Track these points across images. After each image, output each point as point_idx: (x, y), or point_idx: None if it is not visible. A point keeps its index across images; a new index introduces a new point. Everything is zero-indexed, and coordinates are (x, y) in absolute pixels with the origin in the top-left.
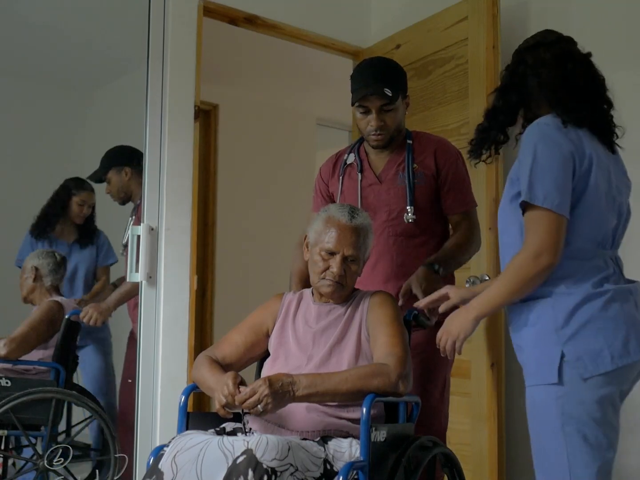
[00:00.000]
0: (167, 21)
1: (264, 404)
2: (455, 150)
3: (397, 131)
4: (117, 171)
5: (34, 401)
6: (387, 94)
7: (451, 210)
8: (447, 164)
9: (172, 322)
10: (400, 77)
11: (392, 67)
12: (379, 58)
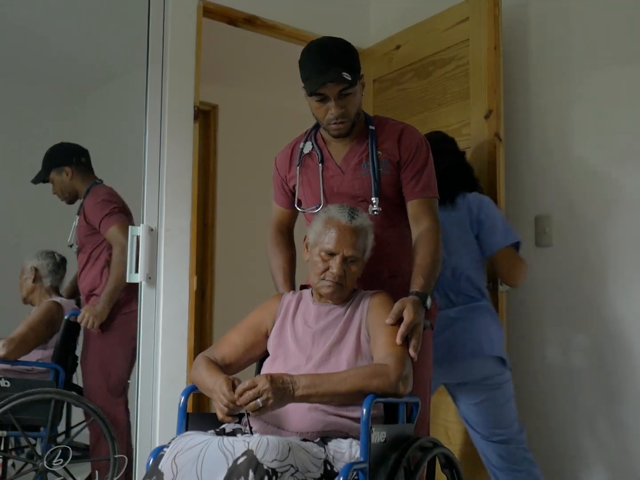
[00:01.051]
0: (167, 22)
1: (264, 399)
2: (421, 136)
3: (357, 116)
4: (58, 172)
5: (33, 402)
6: (347, 78)
7: (411, 195)
8: (409, 148)
9: (171, 323)
10: (355, 56)
11: (345, 47)
12: (328, 39)
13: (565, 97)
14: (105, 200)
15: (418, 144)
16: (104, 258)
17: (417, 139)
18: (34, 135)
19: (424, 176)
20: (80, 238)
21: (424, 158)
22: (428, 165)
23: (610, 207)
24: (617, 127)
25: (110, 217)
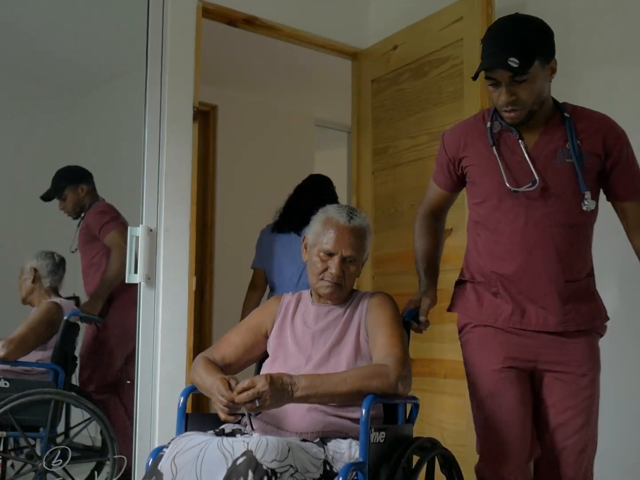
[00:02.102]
0: (166, 22)
1: (262, 400)
2: (623, 130)
3: (538, 104)
4: (73, 189)
5: (32, 402)
6: (512, 66)
7: (624, 197)
8: (618, 144)
9: (171, 323)
10: (538, 40)
11: (527, 28)
12: (515, 17)
13: (562, 97)
14: (104, 211)
15: (625, 139)
16: (104, 264)
17: (623, 133)
18: (33, 135)
19: (637, 174)
20: (81, 245)
21: (632, 154)
22: (636, 162)
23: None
24: None
25: (110, 223)
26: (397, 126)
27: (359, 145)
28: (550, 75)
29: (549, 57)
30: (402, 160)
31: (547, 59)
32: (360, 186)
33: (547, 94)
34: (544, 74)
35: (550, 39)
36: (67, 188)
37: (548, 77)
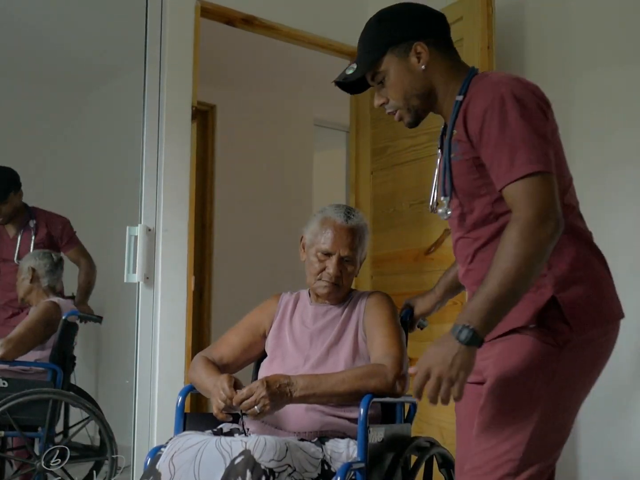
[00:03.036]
0: (165, 22)
1: (261, 406)
2: (495, 93)
3: (417, 99)
4: (16, 192)
5: (31, 402)
6: (347, 73)
7: (497, 183)
8: (477, 115)
9: (169, 323)
10: (378, 33)
11: (367, 27)
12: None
13: (561, 97)
14: (68, 222)
15: (487, 105)
16: None
17: (488, 98)
18: (33, 135)
19: (504, 149)
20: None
21: (497, 121)
22: (506, 127)
23: (609, 207)
24: (615, 127)
25: (75, 236)
26: (396, 126)
27: (358, 145)
28: (419, 63)
29: (401, 44)
30: (401, 160)
31: (401, 48)
32: (359, 186)
33: (426, 84)
34: (404, 64)
35: (394, 25)
36: (13, 191)
37: (416, 66)
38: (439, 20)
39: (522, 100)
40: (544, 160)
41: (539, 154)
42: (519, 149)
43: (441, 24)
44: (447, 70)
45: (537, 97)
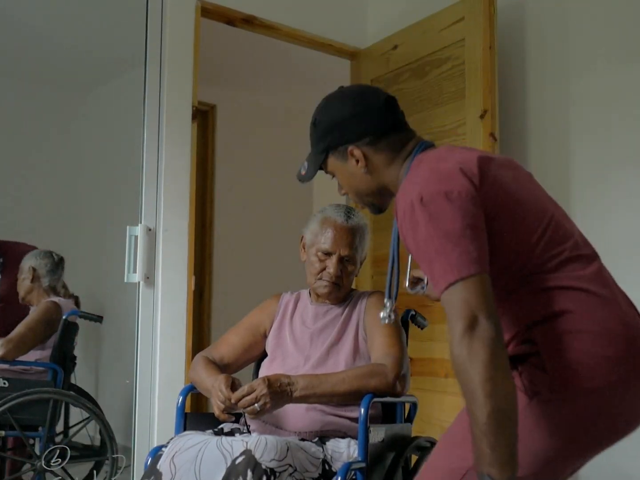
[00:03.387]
0: (165, 22)
1: (261, 403)
2: (406, 201)
3: (371, 196)
4: None
5: (31, 402)
6: (303, 174)
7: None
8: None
9: (169, 323)
10: (315, 134)
11: (311, 126)
12: None
13: (562, 97)
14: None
15: (401, 216)
16: None
17: (400, 207)
18: (33, 135)
19: (423, 263)
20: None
21: (411, 234)
22: (419, 240)
23: (608, 207)
24: (615, 127)
25: None
26: None
27: None
28: (358, 166)
29: (338, 148)
30: None
31: (339, 152)
32: None
33: (373, 183)
34: (346, 167)
35: (326, 130)
36: None
37: (356, 169)
38: (373, 111)
39: (430, 204)
40: (460, 263)
41: (454, 259)
42: (433, 261)
43: (376, 113)
44: (391, 164)
45: (452, 186)
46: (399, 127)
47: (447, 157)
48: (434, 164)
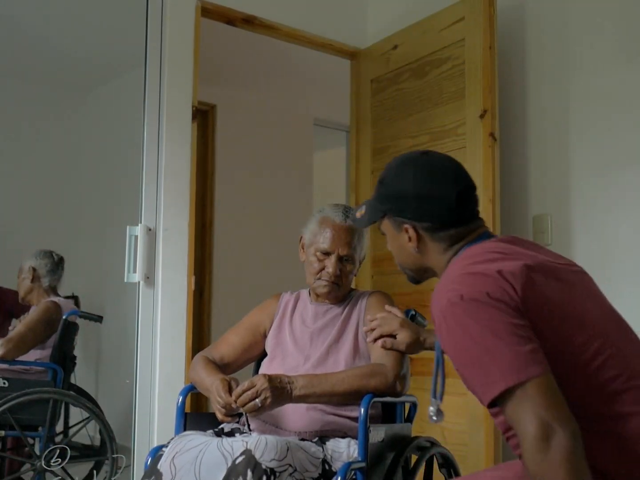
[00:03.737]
0: (165, 22)
1: (262, 398)
2: (441, 300)
3: (415, 271)
4: None
5: (31, 402)
6: (357, 219)
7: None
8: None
9: (169, 323)
10: (379, 191)
11: (379, 179)
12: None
13: (562, 97)
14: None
15: (437, 317)
16: None
17: (436, 308)
18: (33, 135)
19: (468, 368)
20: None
21: (451, 335)
22: (460, 340)
23: (609, 207)
24: (615, 126)
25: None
26: (396, 126)
27: (358, 144)
28: (410, 243)
29: (395, 217)
30: None
31: (396, 221)
32: (359, 186)
33: (418, 262)
34: (397, 237)
35: (391, 195)
36: None
37: (407, 244)
38: (441, 201)
39: (472, 302)
40: (519, 364)
41: (509, 360)
42: (482, 364)
43: (444, 205)
44: (443, 253)
45: (493, 288)
46: (465, 220)
47: (491, 258)
48: (472, 266)
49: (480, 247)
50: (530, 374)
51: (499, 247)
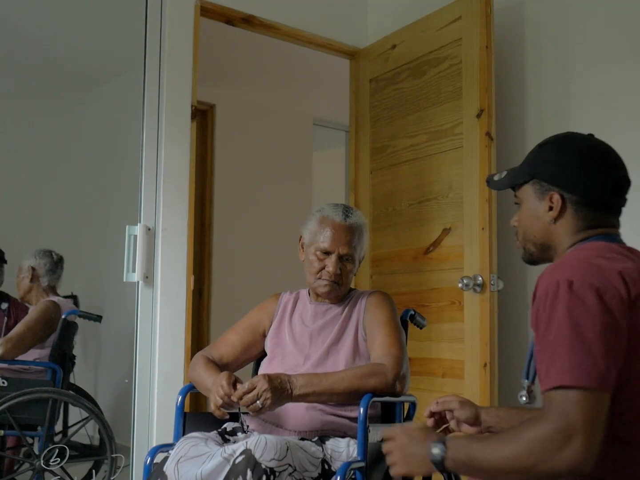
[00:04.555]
0: (164, 21)
1: (263, 399)
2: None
3: (537, 247)
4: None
5: (30, 401)
6: (495, 180)
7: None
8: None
9: (168, 322)
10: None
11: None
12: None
13: (560, 96)
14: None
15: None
16: None
17: (543, 285)
18: (32, 135)
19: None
20: None
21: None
22: (551, 323)
23: None
24: (613, 126)
25: None
26: (395, 125)
27: (357, 144)
28: (549, 214)
29: (543, 183)
30: (400, 160)
31: (542, 187)
32: (358, 185)
33: (547, 237)
34: (535, 205)
35: (549, 158)
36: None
37: (544, 215)
38: (602, 180)
39: (578, 292)
40: (585, 369)
41: (579, 362)
42: (555, 353)
43: (604, 183)
44: (575, 233)
45: (606, 286)
46: (611, 209)
47: (615, 258)
48: (594, 258)
49: (606, 245)
50: (587, 384)
51: (624, 250)
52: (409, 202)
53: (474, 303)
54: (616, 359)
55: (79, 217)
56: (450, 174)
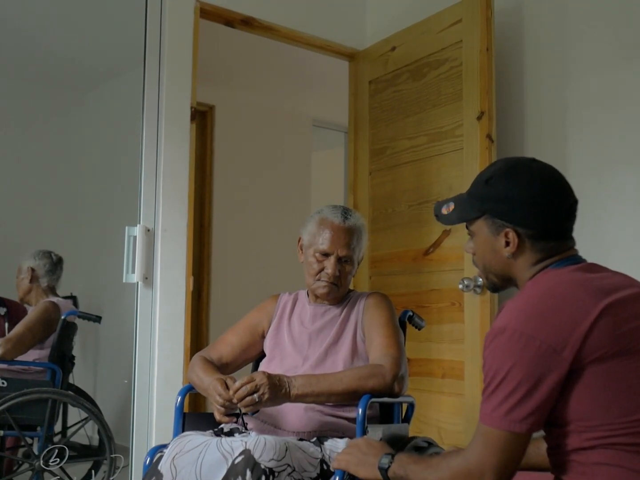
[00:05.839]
0: (164, 22)
1: (260, 393)
2: (499, 322)
3: (498, 277)
4: None
5: (30, 401)
6: (444, 214)
7: None
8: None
9: (168, 323)
10: (482, 190)
11: (478, 177)
12: None
13: (559, 99)
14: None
15: (489, 336)
16: None
17: (494, 327)
18: (32, 135)
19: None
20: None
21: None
22: (487, 368)
23: (606, 209)
24: (612, 128)
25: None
26: (395, 127)
27: (357, 145)
28: (505, 249)
29: (496, 219)
30: (399, 161)
31: (495, 223)
32: (357, 186)
33: (506, 270)
34: (491, 240)
35: (497, 195)
36: None
37: (501, 250)
38: (556, 211)
39: (522, 340)
40: (508, 415)
41: (505, 408)
42: (490, 394)
43: (558, 215)
44: (534, 265)
45: (539, 333)
46: (566, 235)
47: (570, 292)
48: (542, 293)
49: (563, 275)
50: (508, 427)
51: (582, 279)
52: (409, 204)
53: (474, 304)
54: (545, 400)
55: (78, 217)
56: (450, 176)
